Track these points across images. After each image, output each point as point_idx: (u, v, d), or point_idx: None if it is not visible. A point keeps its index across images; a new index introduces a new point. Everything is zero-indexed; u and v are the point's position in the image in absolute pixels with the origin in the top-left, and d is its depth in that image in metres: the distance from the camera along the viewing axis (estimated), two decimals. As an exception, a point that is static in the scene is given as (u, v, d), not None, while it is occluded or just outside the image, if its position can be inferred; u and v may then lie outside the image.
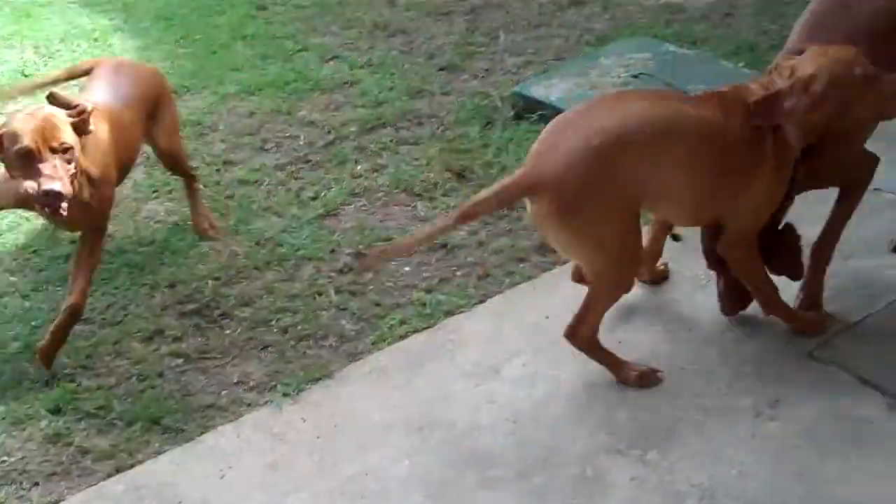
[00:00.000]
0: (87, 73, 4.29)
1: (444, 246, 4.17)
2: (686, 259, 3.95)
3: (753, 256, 3.47)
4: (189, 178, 4.43)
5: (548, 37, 6.02)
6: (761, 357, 3.52)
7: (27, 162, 3.44)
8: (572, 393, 3.45)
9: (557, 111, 4.83)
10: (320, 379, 3.58)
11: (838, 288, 3.75)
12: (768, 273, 3.55)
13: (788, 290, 3.60)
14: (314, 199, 4.56)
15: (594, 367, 3.48)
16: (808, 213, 3.63)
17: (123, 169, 3.99)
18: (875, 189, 4.15)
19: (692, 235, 3.80)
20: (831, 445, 3.16)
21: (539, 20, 6.22)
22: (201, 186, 4.55)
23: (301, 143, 5.01)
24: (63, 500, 3.22)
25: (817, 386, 3.38)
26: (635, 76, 5.18)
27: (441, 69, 5.70)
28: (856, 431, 3.21)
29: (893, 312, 3.61)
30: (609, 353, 3.47)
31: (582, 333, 3.40)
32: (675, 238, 3.95)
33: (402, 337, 3.74)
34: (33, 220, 4.41)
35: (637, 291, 3.81)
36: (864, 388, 3.36)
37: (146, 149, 4.45)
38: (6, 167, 3.58)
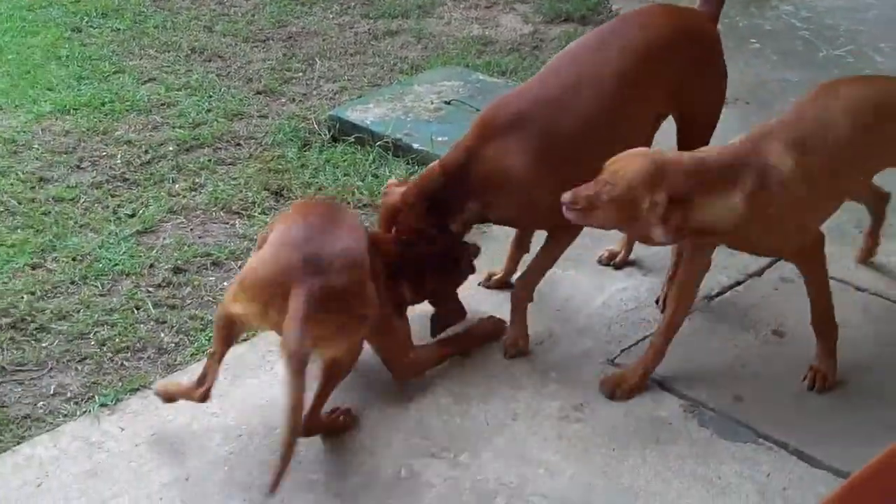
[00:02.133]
0: None
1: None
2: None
3: None
4: None
5: (363, 64, 6.18)
6: (566, 364, 3.71)
7: None
8: (387, 400, 3.55)
9: (374, 134, 5.04)
10: (139, 389, 3.59)
11: (638, 299, 3.99)
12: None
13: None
14: (132, 216, 4.57)
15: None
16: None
17: None
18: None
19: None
20: (631, 445, 3.36)
21: (355, 48, 6.38)
22: (15, 203, 4.52)
23: (118, 161, 5.01)
24: None
25: (619, 390, 3.58)
26: (448, 102, 5.36)
27: (258, 93, 5.78)
28: (654, 431, 3.41)
29: (689, 323, 3.79)
30: None
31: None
32: None
33: (221, 348, 3.79)
34: None
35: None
36: (663, 392, 3.58)
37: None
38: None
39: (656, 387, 3.60)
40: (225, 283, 4.13)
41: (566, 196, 3.21)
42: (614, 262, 4.20)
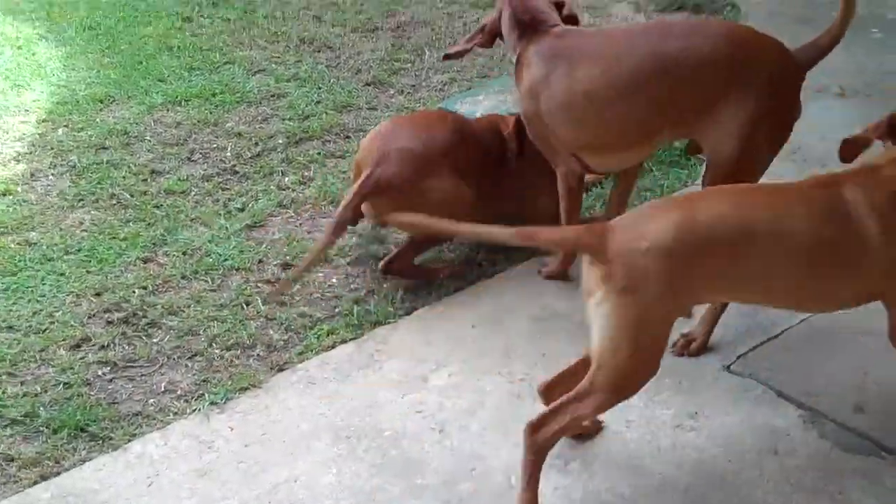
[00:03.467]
0: None
1: (373, 258, 4.23)
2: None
3: None
4: None
5: (472, 55, 6.09)
6: (680, 371, 3.61)
7: None
8: (497, 404, 3.50)
9: (484, 127, 4.96)
10: (248, 388, 3.59)
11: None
12: None
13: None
14: (241, 210, 4.58)
15: (519, 377, 3.56)
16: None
17: None
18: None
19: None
20: (748, 456, 3.26)
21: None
22: (128, 196, 4.56)
23: (228, 154, 5.03)
24: (-12, 506, 3.20)
25: (735, 398, 3.48)
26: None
27: (367, 84, 5.76)
28: (772, 442, 3.31)
29: (809, 327, 3.73)
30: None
31: None
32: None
33: (330, 347, 3.78)
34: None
35: (560, 303, 3.92)
36: (780, 400, 3.47)
37: (73, 160, 4.43)
38: None
39: (774, 395, 3.49)
40: (334, 280, 4.12)
41: None
42: None
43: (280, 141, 5.13)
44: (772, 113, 3.50)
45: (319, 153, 5.02)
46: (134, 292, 4.06)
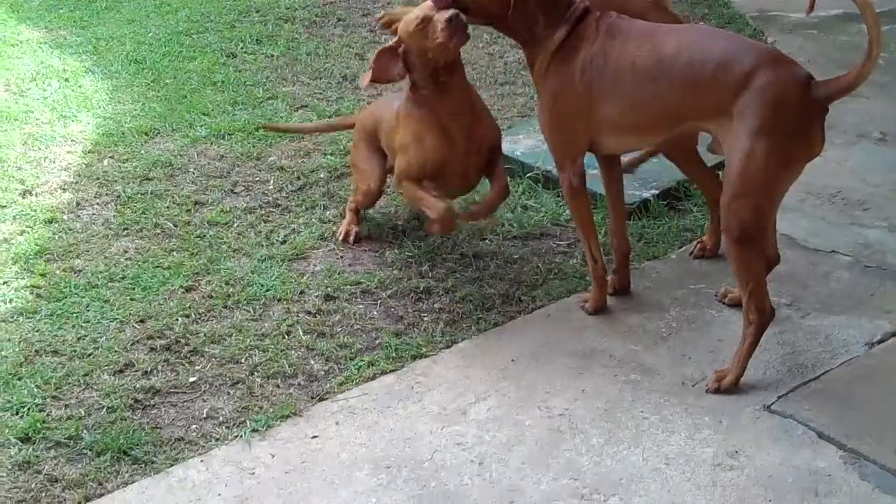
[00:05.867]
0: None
1: (413, 291, 4.25)
2: (650, 311, 4.07)
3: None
4: None
5: (512, 94, 6.16)
6: (720, 410, 3.61)
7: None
8: (537, 437, 3.51)
9: (524, 166, 5.02)
10: (289, 417, 3.62)
11: (795, 344, 3.88)
12: None
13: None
14: (283, 242, 4.62)
15: (559, 412, 3.57)
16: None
17: None
18: (831, 251, 4.31)
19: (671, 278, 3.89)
20: (788, 496, 3.25)
21: (504, 78, 6.37)
22: (171, 225, 4.63)
23: (271, 187, 5.08)
24: (32, 527, 3.24)
25: (776, 438, 3.47)
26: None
27: (409, 121, 5.79)
28: (812, 483, 3.30)
29: (849, 370, 3.72)
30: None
31: None
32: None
33: (371, 378, 3.80)
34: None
35: (600, 339, 3.93)
36: (821, 441, 3.46)
37: (118, 190, 4.49)
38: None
39: (815, 436, 3.48)
40: (375, 312, 4.15)
41: None
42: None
43: (322, 175, 5.17)
44: (772, 132, 3.50)
45: (361, 188, 5.06)
46: (177, 320, 4.10)
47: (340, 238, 4.62)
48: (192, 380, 3.81)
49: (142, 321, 4.10)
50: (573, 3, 3.88)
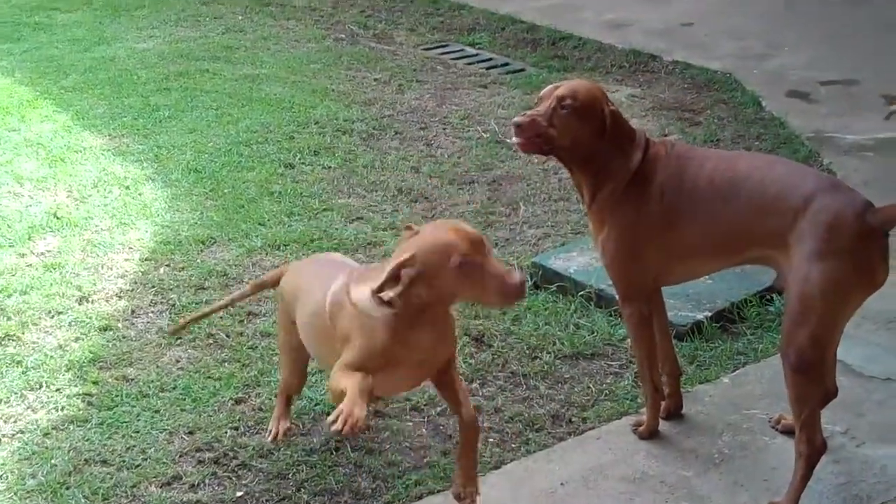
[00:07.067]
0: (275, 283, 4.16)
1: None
2: (702, 436, 4.02)
3: None
4: None
5: (567, 211, 6.17)
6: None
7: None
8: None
9: (577, 283, 5.01)
10: (336, 536, 3.60)
11: (851, 474, 3.80)
12: None
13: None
14: (335, 355, 4.62)
15: (608, 539, 3.52)
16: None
17: None
18: (886, 378, 4.25)
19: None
20: None
21: (559, 194, 6.38)
22: (224, 336, 4.65)
23: (323, 300, 5.10)
24: None
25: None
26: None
27: (462, 236, 5.81)
28: None
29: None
30: None
31: None
32: None
33: (418, 498, 3.77)
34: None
35: (652, 464, 3.88)
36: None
37: (173, 298, 4.52)
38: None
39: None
40: (423, 430, 4.13)
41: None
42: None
43: (374, 288, 5.18)
44: (828, 257, 3.44)
45: (413, 302, 5.06)
46: (226, 432, 4.10)
47: (269, 439, 4.07)
48: (238, 494, 3.80)
49: (191, 432, 4.11)
50: (635, 129, 3.90)
